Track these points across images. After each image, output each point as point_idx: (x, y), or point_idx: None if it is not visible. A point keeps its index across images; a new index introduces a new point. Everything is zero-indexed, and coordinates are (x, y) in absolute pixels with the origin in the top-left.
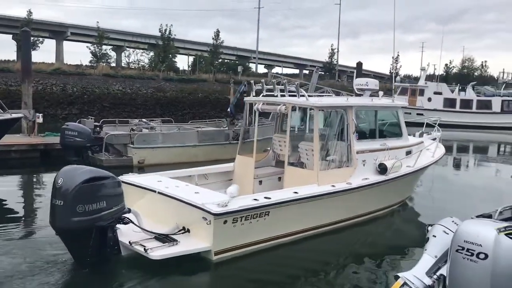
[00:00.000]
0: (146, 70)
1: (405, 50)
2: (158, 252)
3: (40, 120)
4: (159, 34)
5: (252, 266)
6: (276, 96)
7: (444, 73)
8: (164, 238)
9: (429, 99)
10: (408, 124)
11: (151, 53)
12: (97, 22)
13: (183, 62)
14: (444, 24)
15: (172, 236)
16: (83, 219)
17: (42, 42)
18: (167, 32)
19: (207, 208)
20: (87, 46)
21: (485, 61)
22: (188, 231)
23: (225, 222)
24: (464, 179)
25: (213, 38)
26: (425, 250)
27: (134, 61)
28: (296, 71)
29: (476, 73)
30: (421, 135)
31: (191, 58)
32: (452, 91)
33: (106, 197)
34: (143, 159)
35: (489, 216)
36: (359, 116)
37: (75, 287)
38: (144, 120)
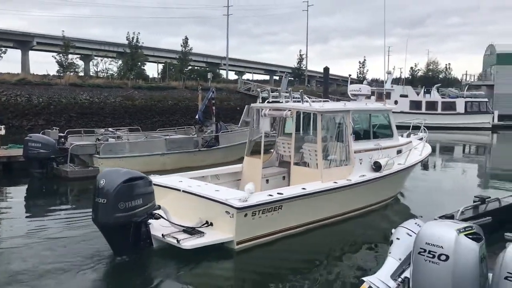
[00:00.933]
0: (114, 79)
1: (373, 54)
2: (189, 242)
3: (3, 132)
4: (127, 42)
5: (269, 254)
6: (282, 102)
7: (410, 76)
8: (191, 231)
9: (396, 102)
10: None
11: (120, 62)
12: (63, 31)
13: (153, 70)
14: (410, 28)
15: (197, 228)
16: (123, 215)
17: (5, 52)
18: (134, 40)
19: (230, 203)
20: (53, 56)
21: (449, 64)
22: (211, 224)
23: (245, 215)
24: (435, 178)
25: (181, 45)
26: (390, 253)
27: (103, 70)
28: (267, 77)
29: (441, 76)
30: (408, 136)
31: (160, 66)
32: (418, 94)
33: (141, 195)
34: None
35: (451, 217)
36: (355, 119)
37: (116, 276)
38: (110, 129)
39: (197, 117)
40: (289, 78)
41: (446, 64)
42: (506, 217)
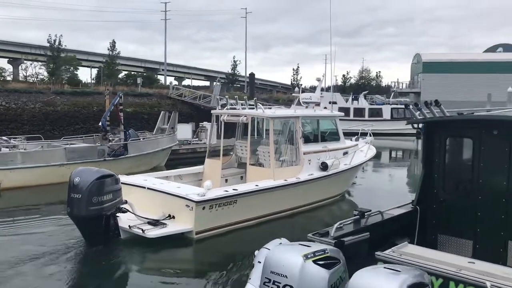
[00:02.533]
0: (44, 83)
1: (311, 62)
2: (153, 232)
3: None
4: (58, 45)
5: (224, 243)
6: (239, 109)
7: (342, 83)
8: (155, 223)
9: (325, 109)
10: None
11: (52, 65)
12: None
13: (87, 74)
14: (347, 37)
15: (161, 221)
16: (96, 208)
17: None
18: (56, 43)
19: (190, 197)
20: None
21: (379, 72)
22: (173, 217)
23: (203, 208)
24: (376, 178)
25: (108, 49)
26: (249, 279)
27: (32, 75)
28: (207, 83)
29: (373, 83)
30: (357, 139)
31: (95, 70)
32: (346, 101)
33: (110, 191)
34: None
35: (325, 233)
36: (305, 124)
37: (89, 263)
38: (4, 138)
39: (100, 124)
40: (221, 82)
41: (376, 72)
42: (384, 232)
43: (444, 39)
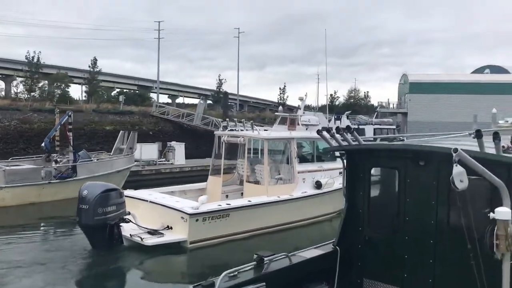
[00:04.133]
0: (26, 100)
1: (305, 81)
2: (150, 240)
3: None
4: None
5: (216, 253)
6: (238, 130)
7: (330, 103)
8: (154, 232)
9: (307, 128)
10: None
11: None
12: None
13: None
14: (342, 57)
15: (159, 231)
16: (101, 218)
17: None
18: (35, 59)
19: (184, 210)
20: None
21: (367, 92)
22: (171, 228)
23: (197, 220)
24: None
25: (89, 66)
26: None
27: (23, 91)
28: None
29: (361, 103)
30: None
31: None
32: (329, 120)
33: (115, 203)
34: None
35: (211, 285)
36: (301, 145)
37: (95, 267)
38: None
39: (43, 144)
40: (206, 101)
41: (364, 92)
42: (295, 279)
43: (437, 60)
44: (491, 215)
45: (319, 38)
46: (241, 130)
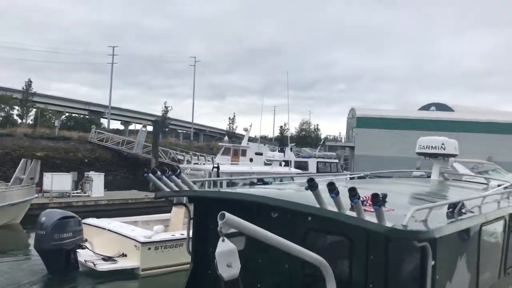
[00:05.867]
0: None
1: (264, 113)
2: (103, 266)
3: None
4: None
5: (168, 280)
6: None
7: (279, 135)
8: (108, 259)
9: (251, 160)
10: None
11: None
12: None
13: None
14: (300, 90)
15: (113, 258)
16: (57, 243)
17: None
18: None
19: (137, 239)
20: None
21: (317, 125)
22: (126, 255)
23: (149, 248)
24: None
25: (23, 88)
26: None
27: None
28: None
29: (312, 135)
30: None
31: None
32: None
33: (71, 230)
34: None
35: None
36: (265, 180)
37: None
38: None
39: None
40: (146, 130)
41: (314, 125)
42: None
43: (390, 97)
44: None
45: (279, 71)
46: (203, 163)
